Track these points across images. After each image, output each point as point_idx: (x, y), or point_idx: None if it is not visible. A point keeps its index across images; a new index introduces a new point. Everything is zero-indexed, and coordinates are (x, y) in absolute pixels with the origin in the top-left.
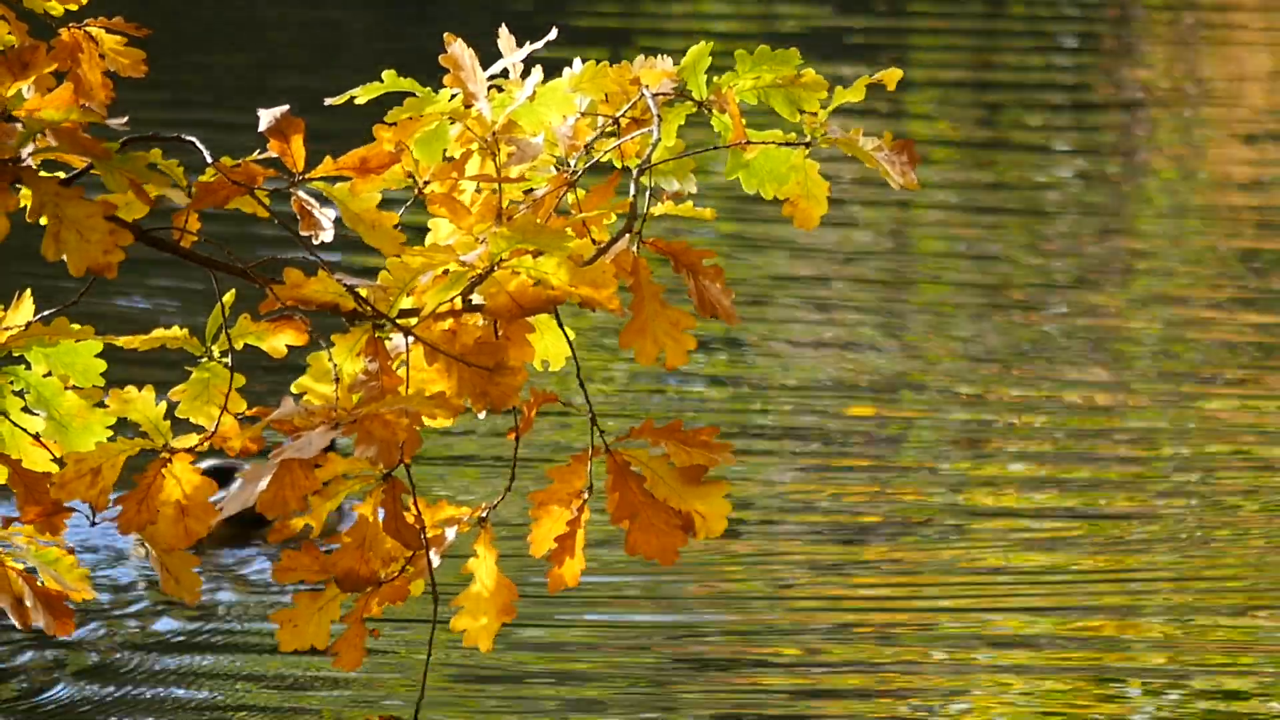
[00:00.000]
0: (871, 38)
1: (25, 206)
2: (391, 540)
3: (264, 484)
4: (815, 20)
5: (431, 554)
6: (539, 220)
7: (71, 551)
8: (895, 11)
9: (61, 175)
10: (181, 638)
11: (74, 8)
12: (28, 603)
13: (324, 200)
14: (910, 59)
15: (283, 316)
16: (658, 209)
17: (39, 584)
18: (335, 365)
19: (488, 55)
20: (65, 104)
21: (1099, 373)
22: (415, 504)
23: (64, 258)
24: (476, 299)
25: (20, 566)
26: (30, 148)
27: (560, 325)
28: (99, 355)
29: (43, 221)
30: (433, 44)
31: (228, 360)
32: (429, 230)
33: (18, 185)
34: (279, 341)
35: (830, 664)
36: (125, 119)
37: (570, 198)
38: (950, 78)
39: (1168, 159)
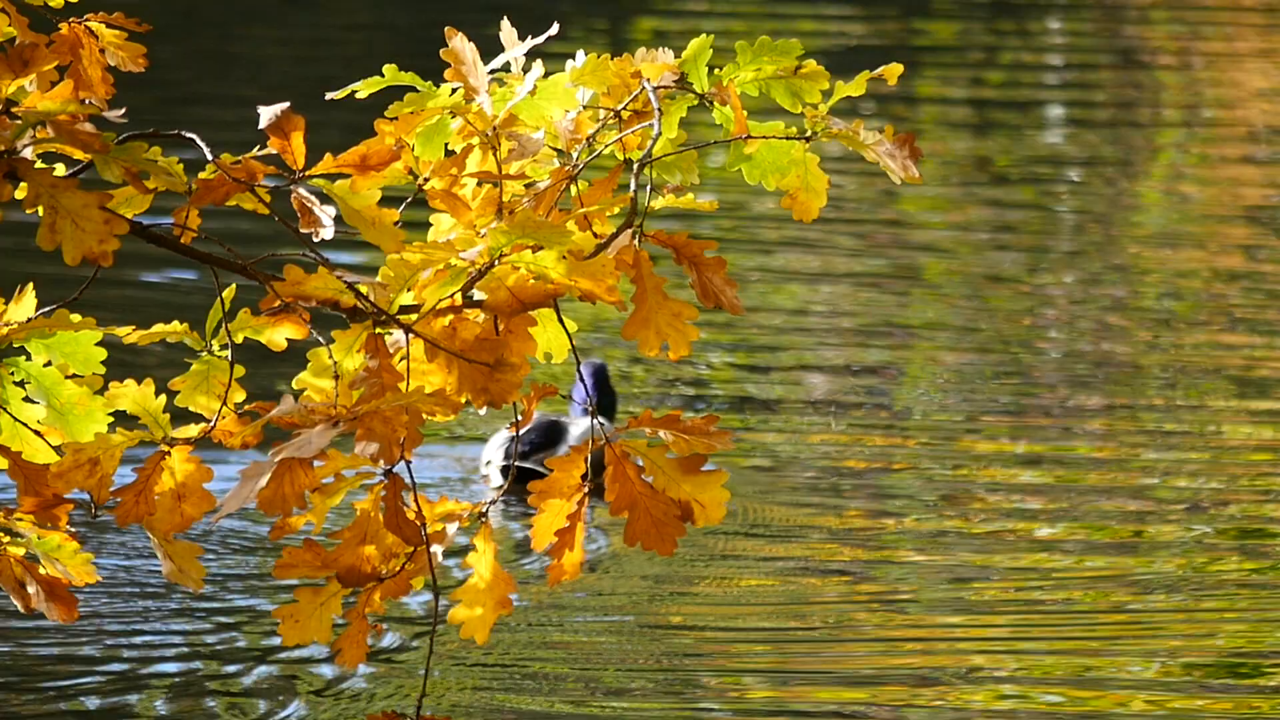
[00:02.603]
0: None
1: (22, 200)
2: (392, 536)
3: (264, 481)
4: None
5: (434, 549)
6: (540, 214)
7: (74, 538)
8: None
9: (60, 168)
10: (409, 652)
11: (74, 0)
12: (30, 589)
13: (324, 197)
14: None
15: (283, 312)
16: (659, 202)
17: (40, 571)
18: (335, 362)
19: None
20: (65, 99)
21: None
22: (416, 500)
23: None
24: (477, 294)
25: (22, 553)
26: (28, 138)
27: (560, 319)
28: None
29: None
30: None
31: (227, 354)
32: (430, 226)
33: (14, 176)
34: (278, 335)
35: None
36: (123, 111)
37: (572, 191)
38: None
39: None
